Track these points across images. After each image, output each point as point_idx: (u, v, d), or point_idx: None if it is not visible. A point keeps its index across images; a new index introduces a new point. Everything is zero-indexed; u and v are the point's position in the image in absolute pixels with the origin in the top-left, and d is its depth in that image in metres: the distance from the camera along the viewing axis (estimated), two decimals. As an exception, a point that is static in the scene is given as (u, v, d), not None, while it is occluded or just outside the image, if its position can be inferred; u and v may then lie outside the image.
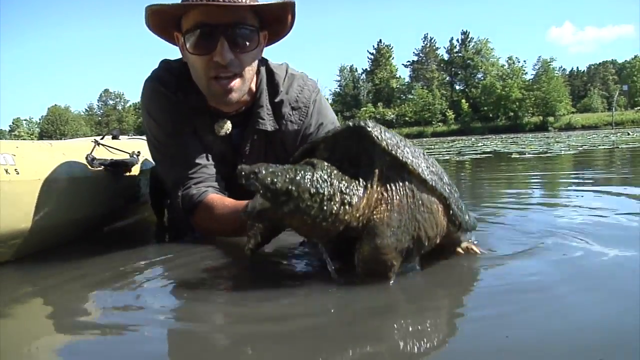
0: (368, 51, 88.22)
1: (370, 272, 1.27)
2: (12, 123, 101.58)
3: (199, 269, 1.61)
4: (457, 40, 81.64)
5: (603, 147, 9.97)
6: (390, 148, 1.29)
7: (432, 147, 16.76)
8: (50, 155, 1.96)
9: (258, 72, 2.05)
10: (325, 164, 1.27)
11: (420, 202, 1.31)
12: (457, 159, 8.05)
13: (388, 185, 1.30)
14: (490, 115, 70.50)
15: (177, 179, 1.97)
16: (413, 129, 70.55)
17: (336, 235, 1.29)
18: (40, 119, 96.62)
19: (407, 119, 76.12)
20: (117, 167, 2.26)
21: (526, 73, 73.25)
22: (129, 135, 3.94)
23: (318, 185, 1.21)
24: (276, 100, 2.07)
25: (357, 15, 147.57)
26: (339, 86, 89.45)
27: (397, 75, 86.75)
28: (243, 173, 1.18)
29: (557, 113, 66.76)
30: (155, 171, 2.39)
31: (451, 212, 1.37)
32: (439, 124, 73.92)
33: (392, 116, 77.17)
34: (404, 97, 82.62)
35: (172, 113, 2.00)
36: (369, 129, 1.31)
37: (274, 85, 2.08)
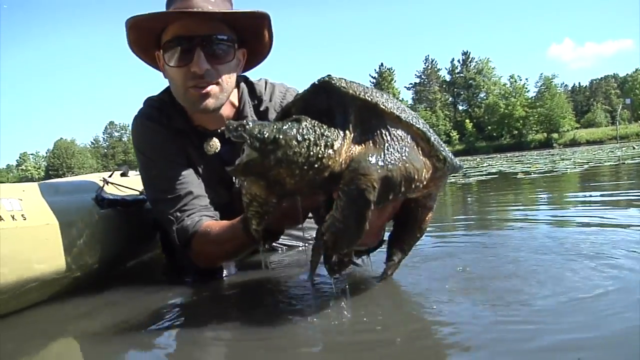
0: (370, 75, 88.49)
1: (349, 195, 1.24)
2: (19, 157, 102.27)
3: (202, 312, 1.64)
4: (459, 61, 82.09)
5: (609, 162, 9.95)
6: (358, 93, 1.32)
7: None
8: (58, 197, 1.93)
9: (238, 87, 2.11)
10: (308, 117, 1.29)
11: (399, 137, 1.33)
12: (463, 181, 8.02)
13: (364, 128, 1.33)
14: (495, 134, 70.53)
15: (171, 215, 1.96)
16: (418, 151, 70.68)
17: (320, 187, 1.32)
18: (46, 153, 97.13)
19: (411, 141, 76.29)
20: (128, 207, 2.24)
21: (528, 91, 73.24)
22: (137, 171, 3.93)
23: (304, 132, 1.23)
24: (261, 109, 2.13)
25: (357, 40, 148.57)
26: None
27: (400, 98, 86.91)
28: (230, 126, 1.21)
29: (561, 129, 66.73)
30: None
31: (432, 146, 1.37)
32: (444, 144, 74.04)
33: (396, 139, 77.33)
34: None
35: (163, 146, 2.03)
36: (334, 82, 1.34)
37: (256, 96, 2.15)
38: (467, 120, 75.05)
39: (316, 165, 1.24)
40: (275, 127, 1.21)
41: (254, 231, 1.52)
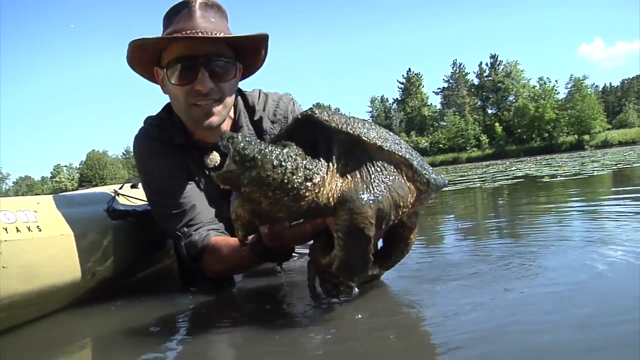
0: (398, 81, 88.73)
1: (350, 236, 1.29)
2: (53, 169, 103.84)
3: (208, 322, 1.67)
4: (487, 64, 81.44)
5: (638, 164, 9.80)
6: (340, 126, 1.36)
7: (466, 173, 16.63)
8: (71, 209, 1.99)
9: (235, 99, 2.16)
10: (294, 145, 1.34)
11: (383, 167, 1.38)
12: (488, 186, 7.98)
13: (348, 160, 1.37)
14: (525, 137, 69.79)
15: (178, 230, 2.01)
16: (448, 156, 70.24)
17: (306, 215, 1.38)
18: (79, 165, 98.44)
19: (440, 146, 75.88)
20: (139, 218, 2.30)
21: (558, 92, 72.40)
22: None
23: (282, 159, 1.27)
24: (255, 118, 2.19)
25: (385, 46, 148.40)
26: (370, 117, 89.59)
27: (429, 103, 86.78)
28: (224, 135, 1.29)
29: (592, 131, 65.77)
30: None
31: (416, 171, 1.42)
32: (474, 149, 73.39)
33: (425, 144, 77.03)
34: (436, 125, 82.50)
35: (164, 162, 2.09)
36: (317, 115, 1.39)
37: (251, 107, 2.21)
38: (497, 124, 74.40)
39: (291, 193, 1.29)
40: (258, 147, 1.27)
41: (240, 242, 1.60)
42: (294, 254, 2.35)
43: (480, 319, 1.32)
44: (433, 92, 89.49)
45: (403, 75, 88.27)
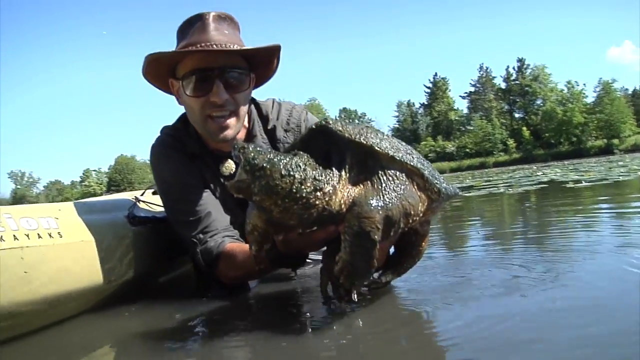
0: (424, 85, 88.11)
1: (356, 239, 1.33)
2: (83, 174, 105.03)
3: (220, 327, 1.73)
4: (514, 68, 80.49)
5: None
6: (354, 137, 1.41)
7: (492, 178, 16.51)
8: (92, 216, 2.05)
9: (248, 108, 2.21)
10: (306, 155, 1.40)
11: (394, 176, 1.42)
12: (512, 191, 7.94)
13: (361, 169, 1.42)
14: (553, 141, 68.91)
15: (194, 237, 2.06)
16: (474, 160, 69.66)
17: (318, 223, 1.42)
18: (108, 169, 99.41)
19: (467, 150, 75.27)
20: (158, 224, 2.35)
21: (587, 96, 71.37)
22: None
23: (290, 169, 1.32)
24: (269, 127, 2.24)
25: (411, 50, 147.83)
26: (397, 122, 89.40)
27: (455, 107, 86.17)
28: (236, 145, 1.35)
29: (622, 135, 64.68)
30: None
31: (427, 180, 1.47)
32: (501, 153, 72.65)
33: (452, 148, 76.52)
34: (463, 129, 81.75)
35: (180, 171, 2.14)
36: (331, 126, 1.43)
37: (264, 116, 2.25)
38: (524, 128, 73.56)
39: (301, 202, 1.34)
40: (268, 157, 1.33)
41: (253, 257, 1.64)
42: (308, 260, 2.39)
43: (500, 329, 1.32)
44: (460, 96, 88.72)
45: (429, 80, 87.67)
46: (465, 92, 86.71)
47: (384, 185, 1.39)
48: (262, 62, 2.15)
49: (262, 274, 2.05)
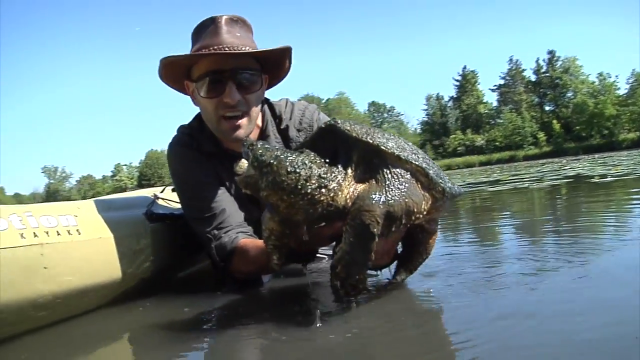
0: (453, 78, 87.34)
1: (356, 230, 1.40)
2: (114, 168, 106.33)
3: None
4: (544, 60, 79.17)
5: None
6: (361, 136, 1.47)
7: (519, 172, 16.38)
8: (110, 213, 2.13)
9: (262, 108, 2.27)
10: (312, 153, 1.47)
11: (399, 174, 1.47)
12: (536, 186, 7.90)
13: (367, 167, 1.48)
14: (584, 134, 67.76)
15: (209, 233, 2.13)
16: (504, 154, 68.78)
17: (325, 219, 1.47)
18: (139, 164, 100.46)
19: (497, 144, 74.43)
20: (176, 221, 2.41)
21: (619, 88, 70.01)
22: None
23: (296, 166, 1.39)
24: (282, 127, 2.30)
25: (440, 43, 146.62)
26: (426, 115, 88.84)
27: (485, 100, 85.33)
28: (245, 142, 1.44)
29: (656, 127, 63.47)
30: None
31: (431, 180, 1.52)
32: (531, 147, 71.74)
33: (481, 142, 75.82)
34: (492, 122, 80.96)
35: (196, 169, 2.21)
36: (339, 125, 1.51)
37: (278, 116, 2.31)
38: (555, 121, 72.50)
39: (306, 198, 1.40)
40: (275, 154, 1.40)
41: (275, 265, 1.68)
42: (322, 256, 2.45)
43: (519, 329, 1.30)
44: (489, 89, 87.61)
45: (458, 73, 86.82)
46: (495, 85, 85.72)
47: (387, 182, 1.45)
48: (274, 64, 2.20)
49: (273, 271, 2.11)
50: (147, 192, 2.78)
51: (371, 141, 1.48)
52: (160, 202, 2.54)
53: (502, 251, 2.46)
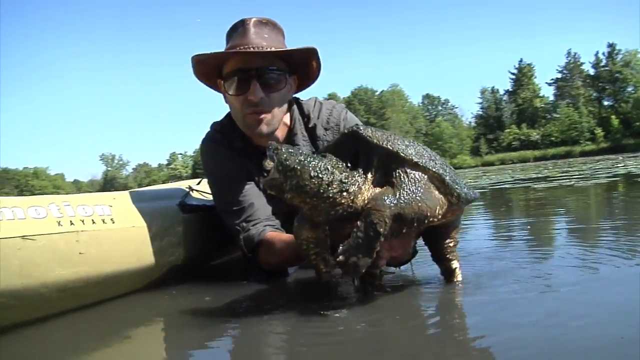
0: (509, 71, 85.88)
1: (363, 226, 1.47)
2: (169, 157, 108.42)
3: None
4: (603, 54, 77.06)
5: None
6: (381, 142, 1.56)
7: (571, 169, 16.06)
8: (144, 204, 2.26)
9: (290, 107, 2.37)
10: (335, 158, 1.55)
11: (416, 179, 1.55)
12: (581, 184, 7.79)
13: (385, 172, 1.57)
14: (644, 130, 65.87)
15: (238, 225, 2.23)
16: (559, 149, 67.45)
17: (347, 220, 1.54)
18: (194, 153, 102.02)
19: (552, 139, 72.98)
20: (209, 212, 2.51)
21: (682, 82, 67.76)
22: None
23: (319, 171, 1.47)
24: (310, 126, 2.38)
25: (495, 36, 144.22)
26: (480, 108, 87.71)
27: (541, 94, 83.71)
28: (270, 146, 1.50)
29: None
30: None
31: (447, 185, 1.59)
32: (588, 142, 70.07)
33: (536, 136, 74.49)
34: (548, 117, 79.38)
35: (227, 165, 2.32)
36: (361, 131, 1.60)
37: (306, 115, 2.40)
38: (613, 116, 70.53)
39: (328, 201, 1.49)
40: (299, 158, 1.47)
41: (326, 274, 1.75)
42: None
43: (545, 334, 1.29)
44: (546, 83, 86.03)
45: (514, 66, 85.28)
46: (552, 79, 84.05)
47: (403, 186, 1.52)
48: (300, 64, 2.29)
49: (299, 262, 2.21)
50: (183, 184, 2.89)
51: (391, 147, 1.56)
52: (194, 194, 2.65)
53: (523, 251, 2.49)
